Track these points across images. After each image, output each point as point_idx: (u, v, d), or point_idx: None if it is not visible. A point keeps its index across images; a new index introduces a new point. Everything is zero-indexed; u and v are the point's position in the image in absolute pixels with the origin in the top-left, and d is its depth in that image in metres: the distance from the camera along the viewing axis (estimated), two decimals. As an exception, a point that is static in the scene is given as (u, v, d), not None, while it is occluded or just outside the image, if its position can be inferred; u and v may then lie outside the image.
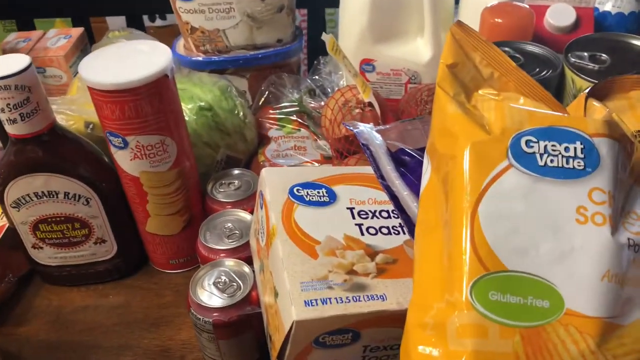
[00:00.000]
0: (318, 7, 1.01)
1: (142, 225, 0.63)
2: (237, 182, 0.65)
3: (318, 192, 0.46)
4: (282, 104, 0.78)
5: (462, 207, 0.34)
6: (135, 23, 1.06)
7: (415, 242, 0.39)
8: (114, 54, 0.55)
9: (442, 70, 0.40)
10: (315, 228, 0.43)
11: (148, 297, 0.64)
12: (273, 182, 0.46)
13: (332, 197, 0.46)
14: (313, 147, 0.74)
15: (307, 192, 0.46)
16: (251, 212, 0.61)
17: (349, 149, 0.66)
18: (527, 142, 0.35)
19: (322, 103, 0.80)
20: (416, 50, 0.81)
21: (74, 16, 1.02)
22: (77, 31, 0.88)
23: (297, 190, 0.46)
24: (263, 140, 0.76)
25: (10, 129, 0.53)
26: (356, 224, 0.45)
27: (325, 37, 0.67)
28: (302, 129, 0.76)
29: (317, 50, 0.90)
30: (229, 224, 0.59)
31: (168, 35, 1.22)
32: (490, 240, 0.33)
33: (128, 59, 0.54)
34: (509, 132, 0.35)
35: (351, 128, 0.49)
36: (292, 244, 0.42)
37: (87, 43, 0.91)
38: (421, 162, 0.48)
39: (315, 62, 0.84)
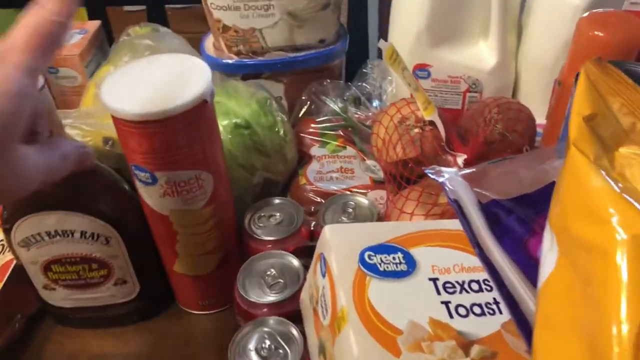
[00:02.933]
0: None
1: (169, 264, 0.54)
2: (278, 214, 0.56)
3: (394, 258, 0.37)
4: (325, 117, 0.69)
5: (621, 335, 0.25)
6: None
7: (535, 338, 0.30)
8: (141, 74, 0.46)
9: (578, 125, 0.30)
10: (393, 310, 0.35)
11: (175, 344, 0.55)
12: (339, 245, 0.37)
13: (411, 264, 0.37)
14: (361, 168, 0.65)
15: (381, 259, 0.37)
16: (294, 253, 0.53)
17: (407, 177, 0.57)
18: None
19: (370, 114, 0.71)
20: (478, 55, 0.71)
21: (89, 5, 0.92)
22: (93, 25, 0.79)
23: (369, 256, 0.37)
24: (304, 158, 0.67)
25: (16, 160, 0.45)
26: (442, 302, 0.36)
27: (382, 44, 0.57)
28: (347, 146, 0.67)
29: (356, 50, 0.79)
30: (272, 270, 0.50)
31: (191, 19, 1.12)
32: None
33: (159, 80, 0.45)
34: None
35: (435, 177, 0.39)
36: (368, 336, 0.33)
37: (104, 38, 0.81)
38: (520, 220, 0.39)
39: (362, 66, 0.74)
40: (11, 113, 0.31)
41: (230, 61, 0.71)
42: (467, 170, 0.42)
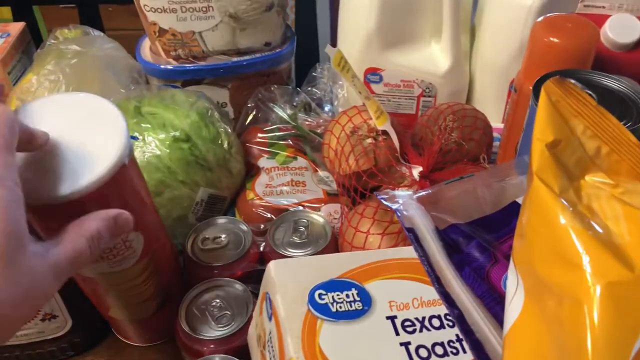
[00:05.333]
0: (309, -2, 0.87)
1: (103, 311, 0.49)
2: (223, 236, 0.52)
3: (347, 296, 0.34)
4: (273, 125, 0.65)
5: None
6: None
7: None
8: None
9: (540, 153, 0.28)
10: (348, 358, 0.31)
11: (115, 381, 0.51)
12: (285, 283, 0.34)
13: (367, 301, 0.34)
14: (314, 180, 0.61)
15: (334, 298, 0.34)
16: (243, 278, 0.49)
17: (361, 191, 0.54)
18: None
19: (321, 120, 0.67)
20: (431, 58, 0.68)
21: (14, 4, 0.84)
22: (17, 27, 0.72)
23: (320, 295, 0.34)
24: (251, 170, 0.63)
25: None
26: (402, 344, 0.33)
27: (330, 50, 0.54)
28: (298, 156, 0.63)
29: (306, 53, 0.75)
30: (217, 301, 0.46)
31: (128, 14, 1.04)
32: None
33: (59, 140, 0.33)
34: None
35: (388, 204, 0.36)
36: (321, 392, 0.30)
37: (31, 41, 0.74)
38: (480, 246, 0.36)
39: (311, 70, 0.70)
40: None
41: (168, 67, 0.66)
42: (423, 193, 0.39)
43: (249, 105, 0.66)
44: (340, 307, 0.33)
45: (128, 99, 0.58)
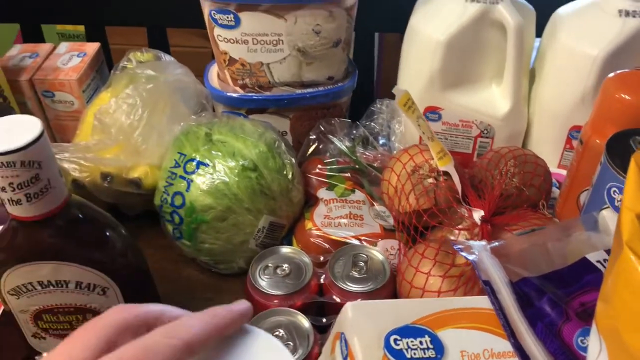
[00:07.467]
0: (368, 32, 0.89)
1: None
2: (285, 265, 0.54)
3: (421, 343, 0.35)
4: (332, 158, 0.66)
5: None
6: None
7: None
8: None
9: (631, 223, 0.28)
10: (422, 405, 0.32)
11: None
12: (363, 326, 0.35)
13: (439, 349, 0.35)
14: (371, 214, 0.62)
15: (408, 344, 0.35)
16: (302, 309, 0.50)
17: (421, 231, 0.55)
18: None
19: (378, 154, 0.69)
20: (491, 99, 0.69)
21: (87, 23, 0.89)
22: (93, 47, 0.76)
23: (395, 340, 0.35)
24: (310, 199, 0.64)
25: (12, 209, 0.41)
26: (473, 394, 0.34)
27: (397, 90, 0.55)
28: (356, 189, 0.65)
29: (361, 87, 0.77)
30: (280, 330, 0.48)
31: (192, 35, 1.07)
32: None
33: None
34: None
35: (465, 254, 0.37)
36: None
37: (104, 61, 0.78)
38: (552, 302, 0.36)
39: (371, 105, 0.72)
40: None
41: (235, 95, 0.69)
42: (496, 244, 0.40)
43: (312, 137, 0.68)
44: (415, 353, 0.34)
45: (199, 125, 0.60)
